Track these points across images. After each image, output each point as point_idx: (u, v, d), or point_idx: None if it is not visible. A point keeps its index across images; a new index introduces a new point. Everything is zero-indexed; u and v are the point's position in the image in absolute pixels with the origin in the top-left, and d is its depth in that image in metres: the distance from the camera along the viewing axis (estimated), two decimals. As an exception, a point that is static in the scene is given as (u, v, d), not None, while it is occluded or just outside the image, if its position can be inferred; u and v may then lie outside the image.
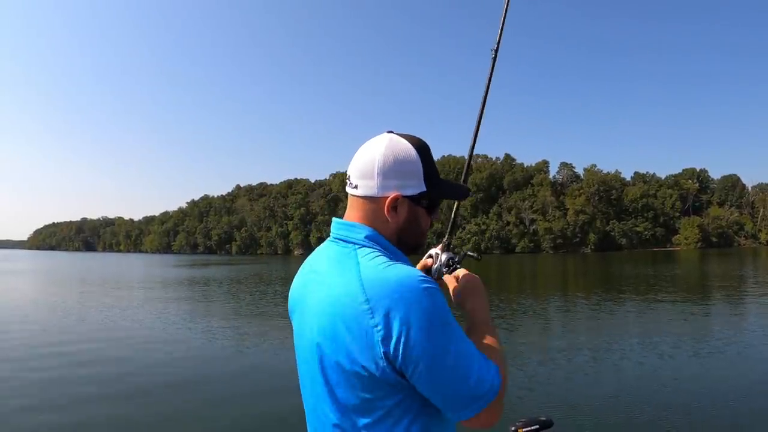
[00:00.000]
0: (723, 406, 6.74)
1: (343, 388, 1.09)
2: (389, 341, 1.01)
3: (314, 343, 1.13)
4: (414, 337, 1.00)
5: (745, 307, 16.62)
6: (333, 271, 1.14)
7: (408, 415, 1.08)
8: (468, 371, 1.04)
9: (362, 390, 1.06)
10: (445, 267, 1.44)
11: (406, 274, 1.06)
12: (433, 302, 1.04)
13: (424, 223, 1.24)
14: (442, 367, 1.02)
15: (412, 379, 1.04)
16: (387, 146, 1.17)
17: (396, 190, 1.16)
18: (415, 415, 1.09)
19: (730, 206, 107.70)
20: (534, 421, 1.72)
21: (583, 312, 16.16)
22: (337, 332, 1.07)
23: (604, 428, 6.12)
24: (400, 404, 1.07)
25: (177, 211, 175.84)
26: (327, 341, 1.09)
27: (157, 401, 7.48)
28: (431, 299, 1.03)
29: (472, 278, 1.36)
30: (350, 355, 1.05)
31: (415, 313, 1.01)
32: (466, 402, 1.05)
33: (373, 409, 1.07)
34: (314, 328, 1.13)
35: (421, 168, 1.18)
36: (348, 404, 1.09)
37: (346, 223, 1.21)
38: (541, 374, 8.51)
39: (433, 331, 1.02)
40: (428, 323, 1.01)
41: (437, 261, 1.47)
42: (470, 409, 1.05)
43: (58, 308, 18.40)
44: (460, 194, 1.29)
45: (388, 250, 1.17)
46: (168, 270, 48.46)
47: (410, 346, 1.00)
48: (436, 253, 1.50)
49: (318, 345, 1.12)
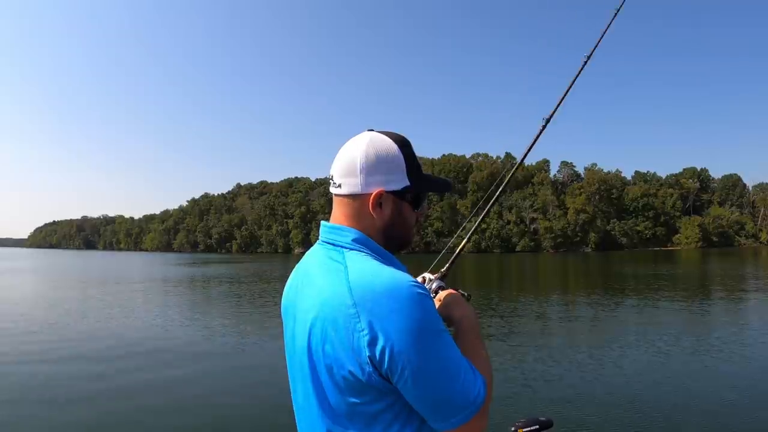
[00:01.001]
0: (724, 406, 6.73)
1: (331, 392, 1.08)
2: (375, 346, 1.00)
3: (304, 346, 1.13)
4: (400, 343, 1.00)
5: (745, 307, 16.61)
6: (322, 275, 1.13)
7: (398, 420, 1.07)
8: (454, 381, 1.04)
9: (350, 394, 1.06)
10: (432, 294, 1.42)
11: (395, 279, 1.05)
12: (422, 308, 1.03)
13: (410, 218, 1.24)
14: (428, 374, 1.01)
15: (398, 385, 1.03)
16: (368, 144, 1.17)
17: (380, 186, 1.16)
18: (404, 422, 1.08)
19: (730, 206, 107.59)
20: (534, 421, 1.72)
21: (583, 311, 16.14)
22: (326, 336, 1.06)
23: (604, 428, 6.10)
24: (388, 409, 1.07)
25: (177, 210, 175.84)
26: (316, 345, 1.09)
27: (156, 400, 7.47)
28: (420, 305, 1.03)
29: (456, 294, 1.38)
30: (338, 360, 1.05)
31: (403, 319, 1.00)
32: (450, 412, 1.04)
33: (362, 414, 1.07)
34: (304, 331, 1.13)
35: (403, 163, 1.19)
36: (336, 408, 1.09)
37: (334, 226, 1.21)
38: (541, 374, 8.50)
39: (420, 337, 1.01)
40: (416, 329, 1.01)
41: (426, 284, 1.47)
42: (452, 420, 1.04)
43: (59, 306, 18.41)
44: (442, 187, 1.29)
45: (377, 253, 1.17)
46: (169, 268, 48.51)
47: (396, 351, 1.00)
48: (429, 279, 1.50)
49: (307, 349, 1.12)
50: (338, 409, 1.09)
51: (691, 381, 7.96)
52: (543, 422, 1.72)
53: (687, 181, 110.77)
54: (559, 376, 8.35)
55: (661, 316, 14.78)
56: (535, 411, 6.41)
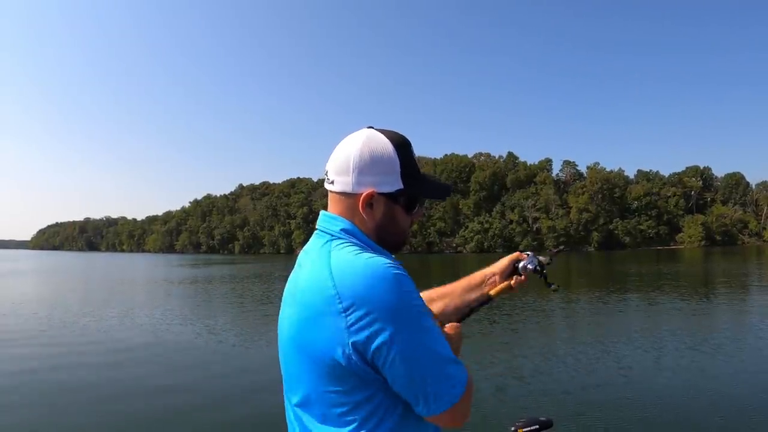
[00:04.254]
0: (726, 405, 6.69)
1: (314, 379, 1.07)
2: (358, 330, 0.99)
3: (289, 334, 1.12)
4: (382, 326, 0.99)
5: (749, 306, 16.52)
6: (310, 262, 1.13)
7: (377, 413, 1.06)
8: (439, 362, 1.03)
9: (330, 382, 1.05)
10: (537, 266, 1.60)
11: (374, 261, 1.04)
12: (403, 288, 1.02)
13: (402, 222, 1.21)
14: (412, 356, 1.00)
15: (383, 369, 1.02)
16: (364, 142, 1.15)
17: (371, 187, 1.14)
18: (384, 414, 1.06)
19: (733, 204, 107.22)
20: (534, 421, 1.71)
21: (584, 311, 16.09)
22: (308, 321, 1.06)
23: (604, 428, 6.07)
24: (370, 400, 1.05)
25: (180, 211, 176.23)
26: (300, 332, 1.08)
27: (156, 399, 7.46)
28: (400, 285, 1.02)
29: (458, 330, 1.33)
30: (319, 345, 1.04)
31: (383, 301, 0.99)
32: (436, 394, 1.03)
33: (342, 403, 1.05)
34: (290, 319, 1.13)
35: (398, 165, 1.16)
36: (318, 396, 1.08)
37: (329, 215, 1.20)
38: (541, 374, 8.47)
39: (401, 318, 1.00)
40: (397, 310, 1.00)
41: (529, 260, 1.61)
42: (441, 402, 1.03)
43: (58, 306, 18.40)
44: (440, 193, 1.26)
45: (366, 244, 1.15)
46: (171, 270, 48.52)
47: (378, 335, 0.99)
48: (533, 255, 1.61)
49: (291, 336, 1.11)
50: (319, 397, 1.07)
51: (693, 380, 7.91)
52: (543, 422, 1.71)
53: (690, 180, 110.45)
54: (560, 376, 8.31)
55: (663, 315, 14.73)
56: (535, 411, 6.38)
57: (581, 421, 6.23)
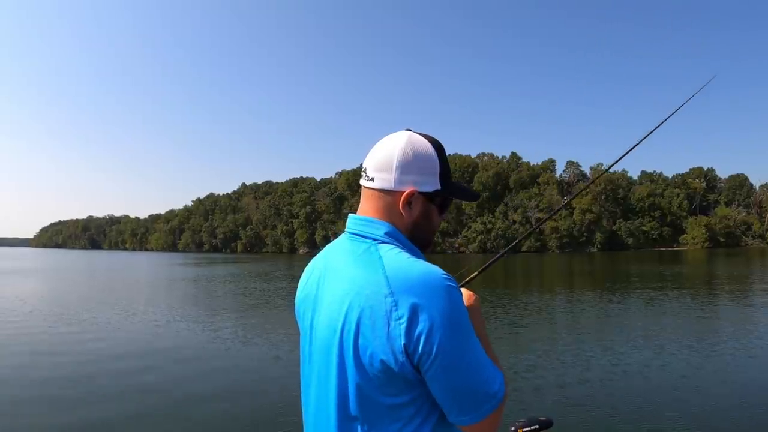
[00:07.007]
0: (727, 406, 6.67)
1: (358, 383, 1.08)
2: (411, 334, 1.01)
3: (331, 338, 1.12)
4: (436, 333, 1.01)
5: (752, 308, 16.45)
6: (354, 266, 1.13)
7: (419, 415, 1.09)
8: (480, 373, 1.06)
9: (377, 385, 1.07)
10: None
11: (430, 270, 1.07)
12: (456, 301, 1.06)
13: (435, 221, 1.25)
14: (459, 365, 1.03)
15: (426, 375, 1.04)
16: (407, 142, 1.18)
17: (412, 186, 1.17)
18: (425, 417, 1.09)
19: (737, 206, 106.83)
20: (534, 421, 1.72)
21: (586, 311, 16.04)
22: (359, 325, 1.06)
23: (604, 428, 6.06)
24: (412, 403, 1.08)
25: (182, 210, 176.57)
26: (347, 335, 1.09)
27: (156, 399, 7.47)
28: (453, 298, 1.05)
29: (474, 296, 1.36)
30: (370, 348, 1.05)
31: (438, 309, 1.02)
32: (474, 404, 1.06)
33: (385, 406, 1.08)
34: (332, 322, 1.12)
35: (438, 166, 1.20)
36: (360, 400, 1.09)
37: (365, 218, 1.21)
38: (542, 373, 8.45)
39: (453, 328, 1.03)
40: (450, 320, 1.03)
41: None
42: (475, 413, 1.06)
43: (60, 306, 18.47)
44: (471, 197, 1.31)
45: (407, 248, 1.18)
46: (174, 268, 48.69)
47: (431, 341, 1.01)
48: None
49: (335, 340, 1.11)
50: (362, 401, 1.09)
51: (695, 381, 7.89)
52: (543, 422, 1.71)
53: (693, 181, 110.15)
54: (560, 376, 8.29)
55: (666, 316, 14.68)
56: (535, 411, 6.38)
57: (581, 421, 6.22)
